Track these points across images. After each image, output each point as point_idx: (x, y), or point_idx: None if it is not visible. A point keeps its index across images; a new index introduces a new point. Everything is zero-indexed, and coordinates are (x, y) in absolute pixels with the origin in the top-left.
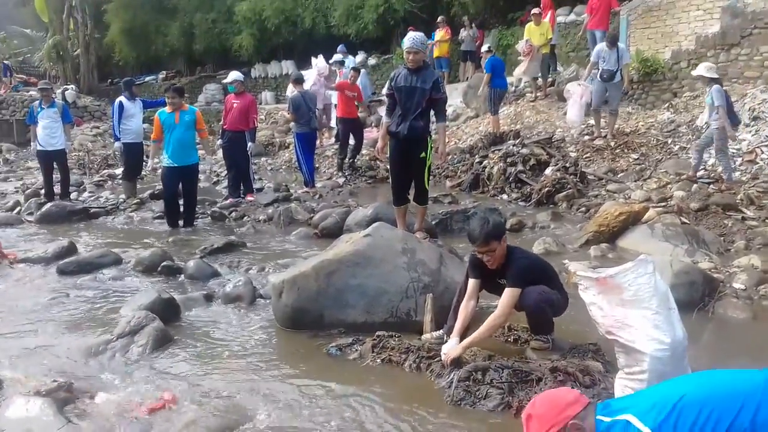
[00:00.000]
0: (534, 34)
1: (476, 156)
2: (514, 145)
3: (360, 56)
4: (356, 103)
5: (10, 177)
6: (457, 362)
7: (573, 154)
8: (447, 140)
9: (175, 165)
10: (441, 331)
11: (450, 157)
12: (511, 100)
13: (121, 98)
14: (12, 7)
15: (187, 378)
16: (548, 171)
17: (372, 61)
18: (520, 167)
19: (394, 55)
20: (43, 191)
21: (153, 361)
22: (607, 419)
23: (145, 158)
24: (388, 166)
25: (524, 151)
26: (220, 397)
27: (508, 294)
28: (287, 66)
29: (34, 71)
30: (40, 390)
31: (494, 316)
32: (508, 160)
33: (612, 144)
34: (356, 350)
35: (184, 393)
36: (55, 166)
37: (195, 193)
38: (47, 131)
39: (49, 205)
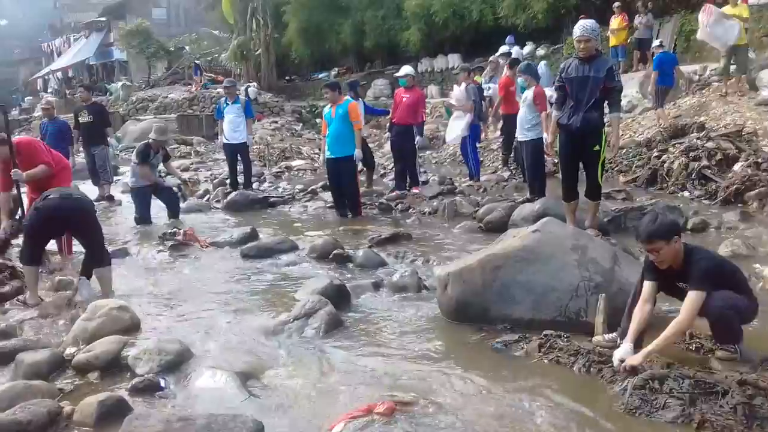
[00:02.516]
0: None
1: (654, 150)
2: (697, 139)
3: (528, 47)
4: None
5: (200, 168)
6: (633, 369)
7: (767, 149)
8: (621, 133)
9: (333, 156)
10: (614, 334)
11: (624, 150)
12: (694, 89)
13: (346, 98)
14: (202, 10)
15: (356, 361)
16: (737, 167)
17: (541, 51)
18: (704, 162)
19: (564, 45)
20: (228, 181)
21: (325, 343)
22: None
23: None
24: (557, 161)
25: (709, 144)
26: (386, 380)
27: (692, 298)
28: (453, 59)
29: (221, 70)
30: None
31: (677, 321)
32: (691, 154)
33: None
34: (522, 348)
35: (352, 375)
36: (238, 157)
37: (352, 185)
38: (231, 125)
39: (234, 193)
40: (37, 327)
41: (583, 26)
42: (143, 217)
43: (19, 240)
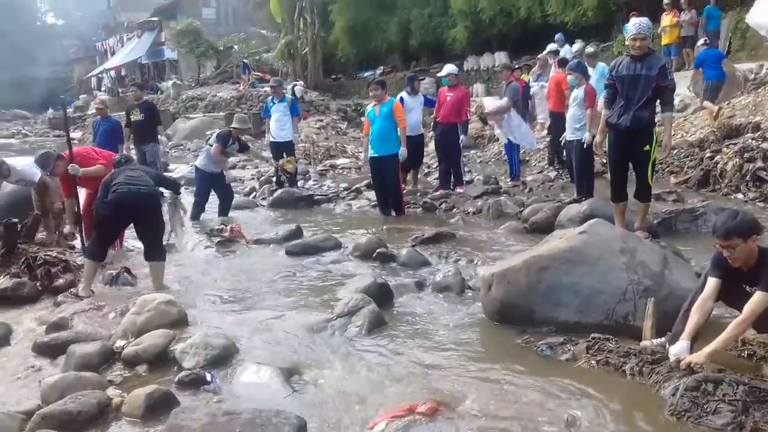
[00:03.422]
0: None
1: (707, 150)
2: (752, 139)
3: (577, 45)
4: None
5: (247, 165)
6: (689, 368)
7: None
8: (672, 132)
9: (375, 155)
10: (663, 339)
11: (676, 150)
12: (750, 88)
13: (403, 93)
14: (251, 10)
15: (398, 360)
16: None
17: (590, 49)
18: (759, 164)
19: (614, 43)
20: (274, 179)
21: (368, 342)
22: None
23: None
24: (605, 161)
25: (765, 145)
26: (429, 380)
27: (759, 299)
28: (500, 57)
29: (268, 69)
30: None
31: (740, 321)
32: (746, 155)
33: None
34: (569, 350)
35: (394, 374)
36: (284, 155)
37: (396, 183)
38: (278, 124)
39: (279, 191)
40: (89, 319)
41: (638, 24)
42: (200, 201)
43: None
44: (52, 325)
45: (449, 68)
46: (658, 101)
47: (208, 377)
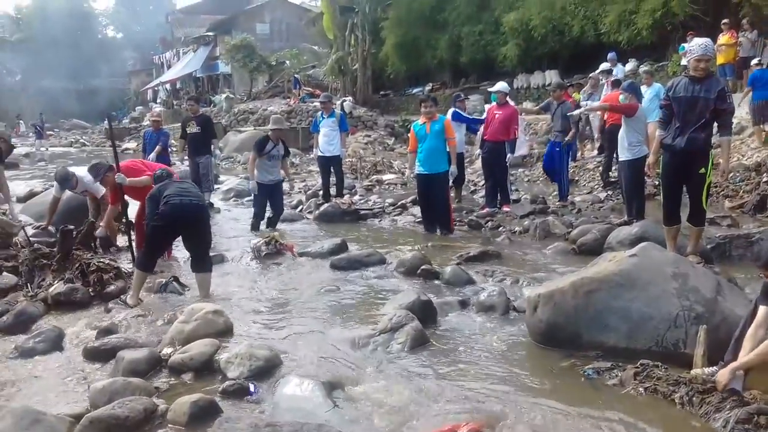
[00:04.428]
0: None
1: (764, 174)
2: None
3: (630, 64)
4: None
5: (294, 179)
6: (738, 399)
7: None
8: (729, 156)
9: (426, 173)
10: (714, 367)
11: (732, 174)
12: None
13: (452, 109)
14: (304, 26)
15: (441, 379)
16: None
17: (645, 68)
18: None
19: (669, 63)
20: (321, 192)
21: (410, 359)
22: None
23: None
24: (658, 182)
25: None
26: (471, 400)
27: None
28: (551, 75)
29: (318, 84)
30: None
31: None
32: None
33: None
34: (616, 376)
35: (436, 393)
36: (331, 170)
37: (445, 201)
38: (326, 138)
39: (326, 205)
40: (137, 326)
41: (705, 45)
42: (258, 213)
43: None
44: (103, 331)
45: (501, 85)
46: (717, 124)
47: (252, 388)
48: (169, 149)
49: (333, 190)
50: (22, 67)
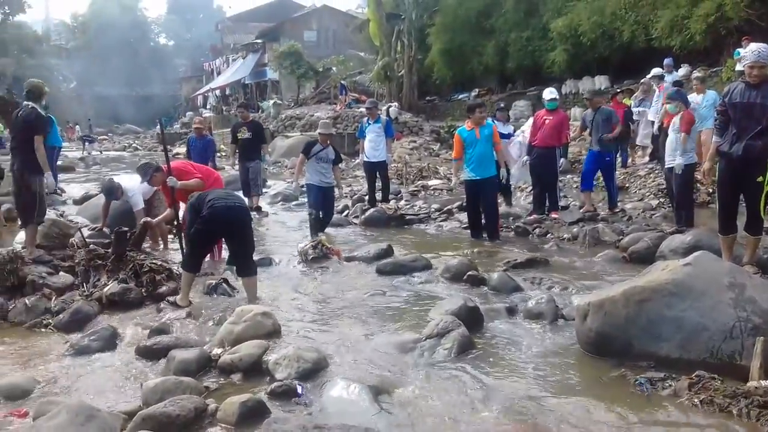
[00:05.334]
0: None
1: None
2: None
3: (683, 70)
4: None
5: (340, 184)
6: None
7: None
8: None
9: (476, 178)
10: None
11: None
12: None
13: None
14: (350, 33)
15: (487, 386)
16: None
17: (698, 74)
18: None
19: (723, 68)
20: (366, 198)
21: (456, 365)
22: None
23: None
24: (713, 190)
25: None
26: (518, 408)
27: None
28: (600, 81)
29: (364, 90)
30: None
31: None
32: None
33: None
34: (669, 386)
35: (482, 400)
36: (377, 175)
37: (493, 206)
38: (372, 144)
39: (371, 210)
40: (188, 326)
41: (758, 51)
42: (317, 216)
43: None
44: (155, 330)
45: (552, 92)
46: None
47: (299, 389)
48: (216, 155)
49: (379, 195)
50: (78, 73)
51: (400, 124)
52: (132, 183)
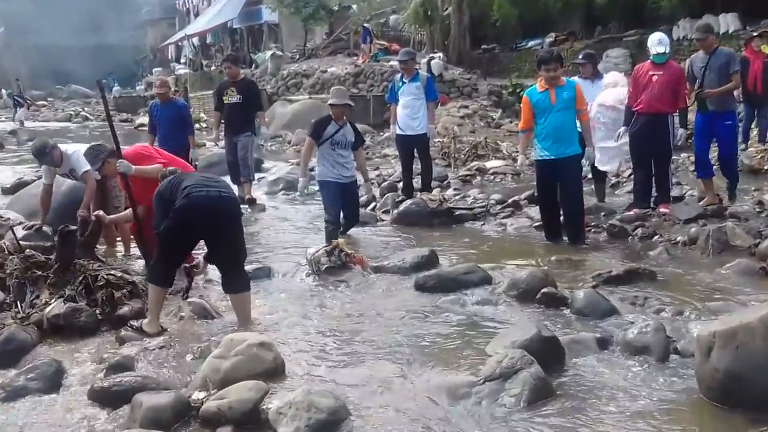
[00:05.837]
0: None
1: None
2: None
3: None
4: None
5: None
6: None
7: None
8: None
9: (551, 158)
10: None
11: None
12: None
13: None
14: None
15: None
16: None
17: None
18: None
19: None
20: (400, 185)
21: (528, 419)
22: None
23: None
24: None
25: None
26: None
27: None
28: (728, 21)
29: (396, 36)
30: None
31: None
32: None
33: None
34: None
35: None
36: (415, 154)
37: (577, 197)
38: (407, 111)
39: (408, 202)
40: (159, 361)
41: None
42: (331, 220)
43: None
44: (114, 366)
45: (662, 41)
46: None
47: None
48: (194, 128)
49: (417, 182)
50: (5, 16)
51: (446, 83)
52: (74, 152)
